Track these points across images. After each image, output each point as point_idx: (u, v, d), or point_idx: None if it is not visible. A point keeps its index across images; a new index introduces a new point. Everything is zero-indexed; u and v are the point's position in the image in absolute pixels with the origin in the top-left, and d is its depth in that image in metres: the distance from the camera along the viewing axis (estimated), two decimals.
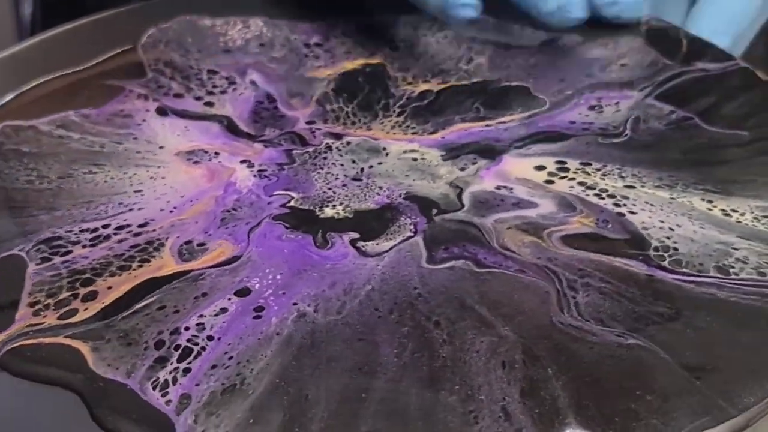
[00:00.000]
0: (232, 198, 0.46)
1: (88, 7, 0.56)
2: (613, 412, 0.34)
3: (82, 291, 0.40)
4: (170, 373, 0.36)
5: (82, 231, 0.44)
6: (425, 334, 0.38)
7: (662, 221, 0.43)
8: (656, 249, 0.41)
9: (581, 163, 0.47)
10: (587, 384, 0.35)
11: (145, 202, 0.46)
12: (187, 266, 0.42)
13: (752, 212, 0.43)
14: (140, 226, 0.44)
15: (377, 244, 0.43)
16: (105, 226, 0.44)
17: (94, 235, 0.43)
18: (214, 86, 0.54)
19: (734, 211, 0.43)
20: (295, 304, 0.40)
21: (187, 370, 0.37)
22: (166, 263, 0.42)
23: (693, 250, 0.41)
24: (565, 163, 0.47)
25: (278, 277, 0.41)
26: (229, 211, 0.45)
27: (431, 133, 0.50)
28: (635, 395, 0.34)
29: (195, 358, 0.37)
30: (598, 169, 0.46)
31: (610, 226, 0.43)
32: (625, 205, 0.44)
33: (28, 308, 0.39)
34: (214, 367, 0.37)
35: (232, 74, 0.55)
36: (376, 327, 0.38)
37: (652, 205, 0.44)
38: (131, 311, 0.39)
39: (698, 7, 0.59)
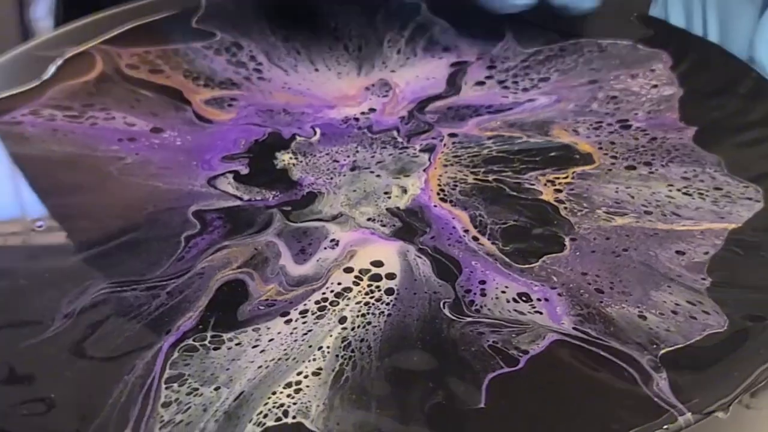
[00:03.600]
0: (302, 110, 0.51)
1: (102, 4, 0.57)
2: None
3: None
4: None
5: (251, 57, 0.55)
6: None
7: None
8: None
9: None
10: None
11: (297, 79, 0.54)
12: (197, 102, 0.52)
13: None
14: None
15: (237, 187, 0.46)
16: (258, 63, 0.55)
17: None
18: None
19: None
20: (137, 154, 0.48)
21: None
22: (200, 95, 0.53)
23: None
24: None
25: (178, 142, 0.49)
26: (282, 110, 0.51)
27: (444, 200, 0.45)
28: None
29: None
30: None
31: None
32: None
33: None
34: None
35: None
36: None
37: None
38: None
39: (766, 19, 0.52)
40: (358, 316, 0.38)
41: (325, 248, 0.42)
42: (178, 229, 0.43)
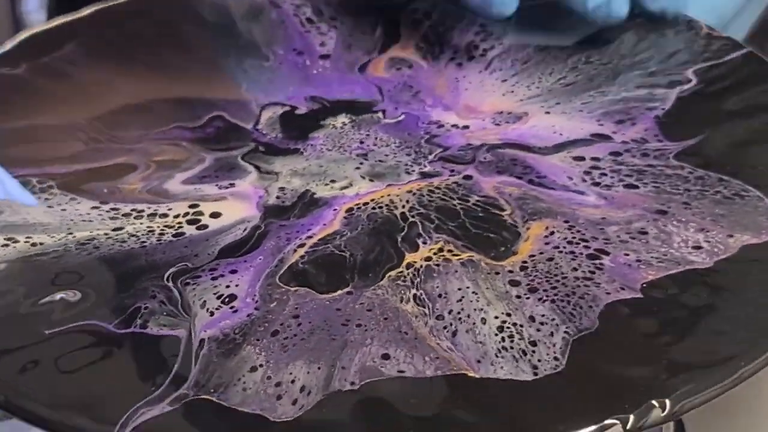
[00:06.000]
0: (424, 99, 0.52)
1: None
2: None
3: None
4: None
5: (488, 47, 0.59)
6: None
7: None
8: None
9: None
10: None
11: (476, 79, 0.53)
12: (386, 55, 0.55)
13: None
14: None
15: (270, 118, 0.50)
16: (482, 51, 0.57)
17: None
18: None
19: None
20: (277, 60, 0.55)
21: None
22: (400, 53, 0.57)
23: None
24: None
25: (315, 71, 0.54)
26: (416, 92, 0.52)
27: (350, 210, 0.44)
28: None
29: None
30: None
31: None
32: None
33: None
34: None
35: None
36: None
37: None
38: None
39: None
40: (132, 235, 0.42)
41: (217, 186, 0.45)
42: (183, 118, 0.48)
